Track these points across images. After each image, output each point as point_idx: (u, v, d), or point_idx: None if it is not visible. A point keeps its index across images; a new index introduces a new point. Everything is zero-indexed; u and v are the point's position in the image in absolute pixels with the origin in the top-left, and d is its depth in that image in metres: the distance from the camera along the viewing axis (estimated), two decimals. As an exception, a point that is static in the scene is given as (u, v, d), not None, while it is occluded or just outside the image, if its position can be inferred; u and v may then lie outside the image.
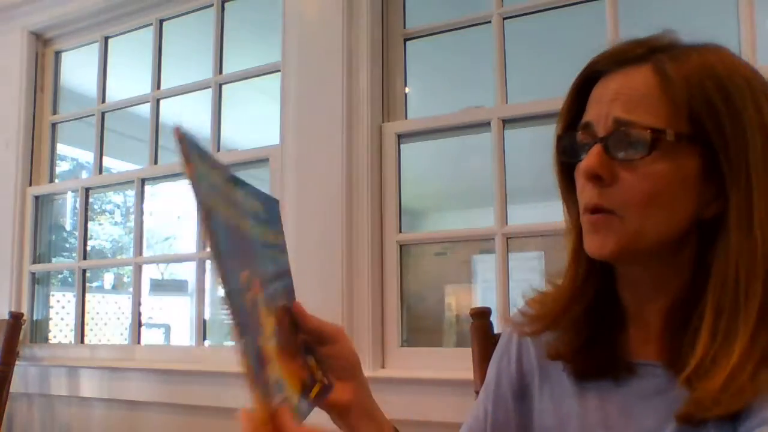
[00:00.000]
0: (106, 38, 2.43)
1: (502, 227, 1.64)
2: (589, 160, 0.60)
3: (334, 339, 0.63)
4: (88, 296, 2.39)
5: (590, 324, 0.67)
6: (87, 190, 2.38)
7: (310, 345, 0.62)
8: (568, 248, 0.68)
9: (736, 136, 0.57)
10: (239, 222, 0.48)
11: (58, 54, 2.54)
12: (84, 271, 2.36)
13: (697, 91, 0.58)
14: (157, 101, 2.30)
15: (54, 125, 2.51)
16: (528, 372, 0.74)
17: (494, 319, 1.26)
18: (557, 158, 0.68)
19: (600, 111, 0.62)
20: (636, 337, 0.66)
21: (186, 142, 0.42)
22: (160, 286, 4.83)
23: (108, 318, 4.22)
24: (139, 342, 2.18)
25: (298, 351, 0.58)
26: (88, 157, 2.73)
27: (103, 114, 2.44)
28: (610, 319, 0.67)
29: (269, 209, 0.58)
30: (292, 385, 0.51)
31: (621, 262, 0.64)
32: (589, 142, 0.62)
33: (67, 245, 2.81)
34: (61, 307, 2.98)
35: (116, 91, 2.47)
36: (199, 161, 0.43)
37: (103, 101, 2.44)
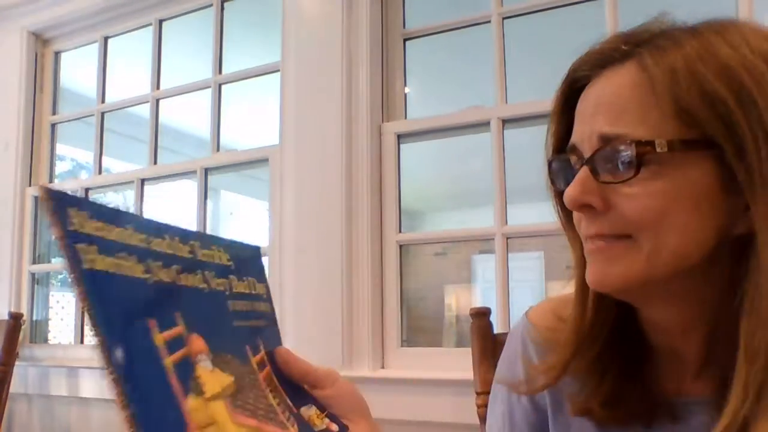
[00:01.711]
0: (106, 38, 2.43)
1: (502, 227, 1.64)
2: (573, 188, 0.52)
3: (330, 381, 0.57)
4: (87, 296, 2.38)
5: (614, 366, 0.57)
6: (87, 190, 2.38)
7: (308, 393, 0.58)
8: (575, 282, 0.59)
9: (755, 136, 0.45)
10: (158, 275, 0.44)
11: (57, 54, 2.54)
12: (84, 271, 2.36)
13: (690, 83, 0.47)
14: (157, 101, 2.30)
15: (54, 125, 2.51)
16: (540, 399, 0.64)
17: (494, 318, 1.26)
18: (550, 186, 0.59)
19: (584, 128, 0.53)
20: (670, 372, 0.57)
21: (55, 201, 0.39)
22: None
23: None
24: (138, 342, 2.18)
25: (281, 405, 0.53)
26: (87, 157, 2.73)
27: (102, 114, 2.43)
28: (635, 354, 0.57)
29: (241, 259, 0.55)
30: None
31: (633, 298, 0.54)
32: (577, 166, 0.54)
33: (67, 245, 2.81)
34: (60, 307, 2.98)
35: (116, 92, 2.47)
36: (80, 220, 0.40)
37: (103, 101, 2.44)
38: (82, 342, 2.32)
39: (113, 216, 0.42)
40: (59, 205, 0.38)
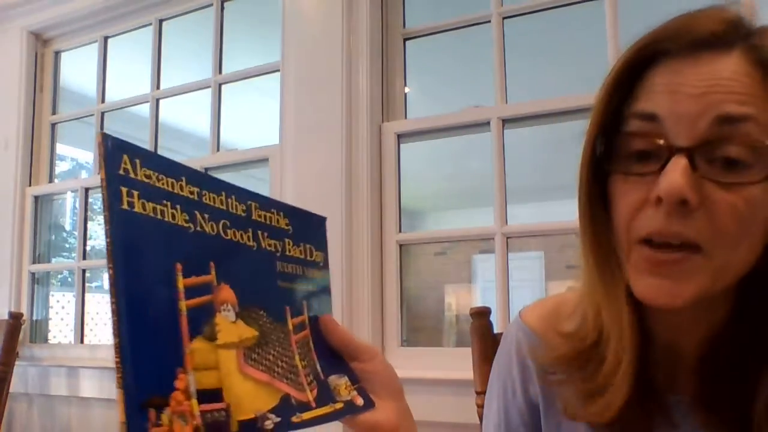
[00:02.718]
0: (106, 38, 2.43)
1: (502, 227, 1.64)
2: (676, 177, 0.44)
3: (368, 355, 0.57)
4: (87, 296, 2.38)
5: (634, 374, 0.53)
6: (87, 190, 2.38)
7: (346, 364, 0.58)
8: (600, 288, 0.52)
9: None
10: (201, 226, 0.47)
11: (57, 54, 2.54)
12: (84, 271, 2.36)
13: None
14: (157, 101, 2.30)
15: (53, 125, 2.51)
16: (534, 397, 0.64)
17: (494, 318, 1.26)
18: (588, 168, 0.51)
19: (682, 105, 0.45)
20: (666, 369, 0.56)
21: (110, 145, 0.41)
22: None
23: (108, 318, 4.21)
24: (138, 342, 2.18)
25: (308, 368, 0.54)
26: (87, 157, 2.73)
27: (102, 114, 2.43)
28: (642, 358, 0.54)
29: (301, 225, 0.58)
30: (251, 396, 0.47)
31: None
32: (654, 147, 0.47)
33: (67, 245, 2.82)
34: (60, 307, 2.98)
35: (116, 91, 2.47)
36: (131, 165, 0.42)
37: (103, 101, 2.44)
38: (82, 342, 2.32)
39: (167, 166, 0.45)
40: (113, 149, 0.41)
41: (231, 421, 0.45)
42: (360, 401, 0.56)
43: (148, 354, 0.41)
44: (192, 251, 0.45)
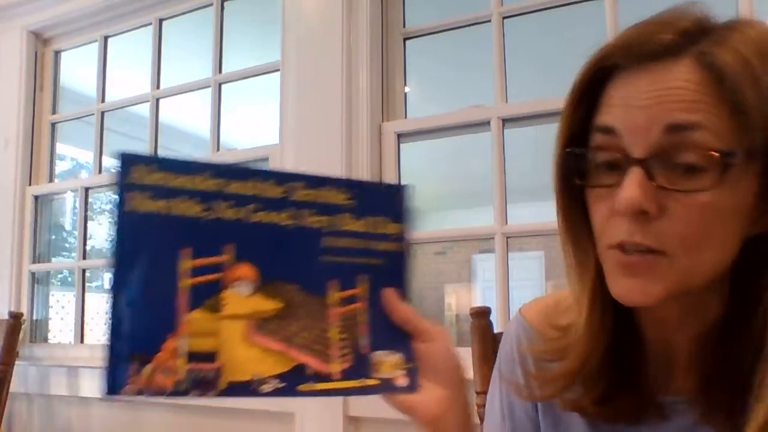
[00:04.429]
0: (106, 38, 2.43)
1: (502, 227, 1.64)
2: (633, 190, 0.46)
3: (428, 337, 0.56)
4: (88, 296, 2.38)
5: (610, 368, 0.55)
6: (87, 189, 2.38)
7: (408, 342, 0.58)
8: (579, 289, 0.55)
9: None
10: (220, 213, 0.52)
11: (57, 53, 2.54)
12: (84, 271, 2.36)
13: (753, 87, 0.44)
14: (157, 101, 2.29)
15: (53, 125, 2.51)
16: None
17: (494, 318, 1.26)
18: (560, 180, 0.54)
19: (634, 117, 0.47)
20: (658, 371, 0.57)
21: (120, 161, 0.49)
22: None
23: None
24: (138, 342, 2.18)
25: (346, 341, 0.55)
26: (87, 156, 2.73)
27: (102, 113, 2.43)
28: (629, 355, 0.56)
29: (370, 199, 0.58)
30: (252, 361, 0.51)
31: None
32: (613, 159, 0.49)
33: (67, 245, 2.82)
34: (60, 307, 2.98)
35: (116, 91, 2.47)
36: (141, 174, 0.50)
37: (103, 101, 2.44)
38: (82, 341, 2.32)
39: (186, 167, 0.51)
40: (122, 164, 0.49)
41: (220, 380, 0.50)
42: (402, 382, 0.56)
43: (136, 319, 0.48)
44: (205, 237, 0.51)
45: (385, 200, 0.59)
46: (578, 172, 0.52)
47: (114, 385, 0.47)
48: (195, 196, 0.51)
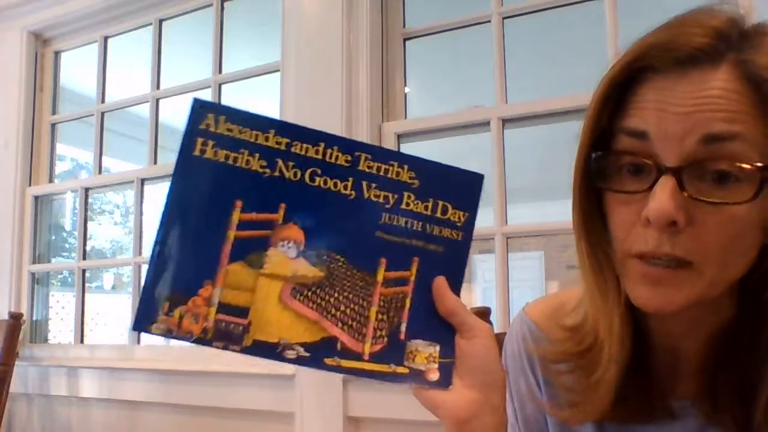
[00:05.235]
0: (106, 38, 2.43)
1: (502, 227, 1.64)
2: (664, 201, 0.44)
3: (469, 333, 0.52)
4: (87, 296, 2.38)
5: (624, 376, 0.54)
6: (86, 190, 2.38)
7: (451, 335, 0.54)
8: (599, 296, 0.53)
9: None
10: (281, 172, 0.52)
11: (57, 54, 2.54)
12: (84, 271, 2.36)
13: None
14: (157, 101, 2.29)
15: (53, 125, 2.51)
16: (539, 395, 0.64)
17: (494, 318, 1.26)
18: (581, 180, 0.52)
19: (669, 124, 0.45)
20: (665, 373, 0.56)
21: (194, 106, 0.51)
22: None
23: (108, 318, 4.22)
24: (138, 342, 2.18)
25: (384, 323, 0.53)
26: (87, 157, 2.73)
27: (102, 114, 2.43)
28: (638, 355, 0.55)
29: (436, 182, 0.56)
30: (283, 324, 0.50)
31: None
32: (641, 164, 0.47)
33: (67, 245, 2.82)
34: (60, 307, 2.98)
35: (116, 91, 2.47)
36: (212, 122, 0.51)
37: (103, 101, 2.44)
38: (81, 342, 2.32)
39: (254, 121, 0.53)
40: (197, 108, 0.51)
41: (247, 336, 0.50)
42: (434, 376, 0.53)
43: (178, 261, 0.49)
44: (260, 193, 0.51)
45: (454, 186, 0.57)
46: (600, 175, 0.50)
47: (143, 321, 0.48)
48: (258, 151, 0.52)
